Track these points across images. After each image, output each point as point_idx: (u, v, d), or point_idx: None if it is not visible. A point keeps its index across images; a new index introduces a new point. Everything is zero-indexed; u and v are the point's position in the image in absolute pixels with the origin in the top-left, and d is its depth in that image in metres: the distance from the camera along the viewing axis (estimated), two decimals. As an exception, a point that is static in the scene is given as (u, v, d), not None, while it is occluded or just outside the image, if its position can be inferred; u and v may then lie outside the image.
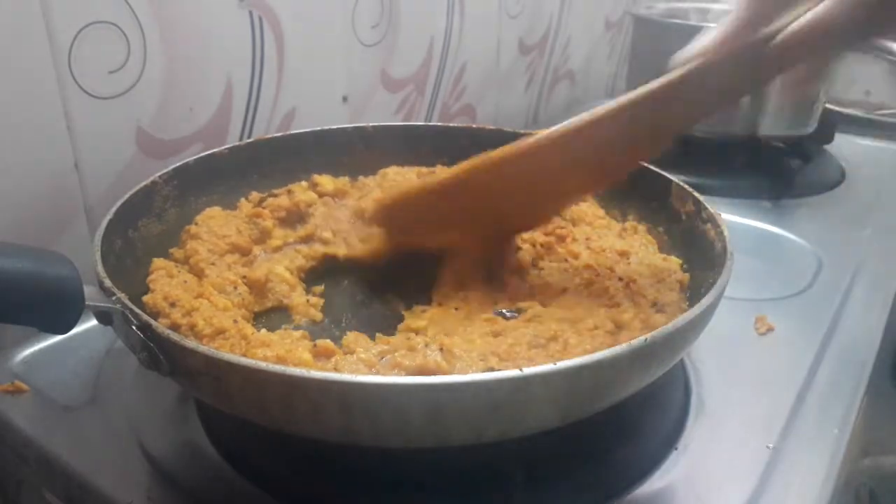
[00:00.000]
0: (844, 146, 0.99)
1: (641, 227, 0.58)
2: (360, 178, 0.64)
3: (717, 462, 0.45)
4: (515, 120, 1.09)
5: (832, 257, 0.70)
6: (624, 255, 0.54)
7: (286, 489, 0.42)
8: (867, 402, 0.52)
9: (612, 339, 0.44)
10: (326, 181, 0.61)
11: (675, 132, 0.47)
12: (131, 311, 0.38)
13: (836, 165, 0.95)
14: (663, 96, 0.43)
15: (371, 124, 0.67)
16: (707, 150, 0.90)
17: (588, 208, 0.61)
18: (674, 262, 0.53)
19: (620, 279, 0.50)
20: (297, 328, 0.50)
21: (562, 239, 0.56)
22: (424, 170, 0.64)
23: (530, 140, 0.47)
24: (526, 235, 0.56)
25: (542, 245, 0.56)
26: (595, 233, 0.58)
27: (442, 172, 0.55)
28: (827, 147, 0.98)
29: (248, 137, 0.69)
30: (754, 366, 0.54)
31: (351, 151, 0.66)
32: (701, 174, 0.81)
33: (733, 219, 0.75)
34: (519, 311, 0.50)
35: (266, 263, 0.53)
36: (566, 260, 0.54)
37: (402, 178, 0.63)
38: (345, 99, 0.78)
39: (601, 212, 0.61)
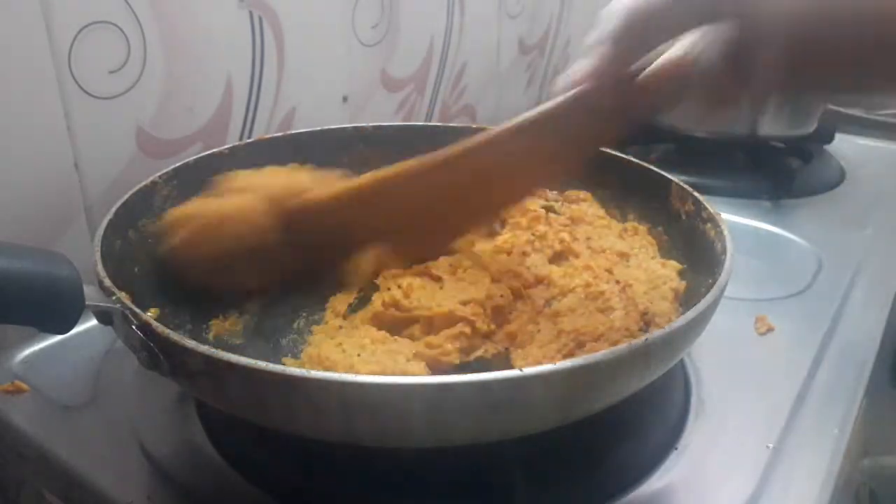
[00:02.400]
0: (844, 146, 0.99)
1: (642, 228, 0.58)
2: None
3: (717, 462, 0.45)
4: (515, 120, 1.08)
5: (832, 257, 0.70)
6: (623, 256, 0.54)
7: (286, 489, 0.42)
8: (867, 402, 0.52)
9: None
10: None
11: (564, 158, 0.49)
12: (131, 310, 0.38)
13: (836, 165, 0.95)
14: (541, 124, 0.45)
15: (371, 124, 0.67)
16: (707, 150, 0.90)
17: (588, 208, 0.61)
18: (672, 267, 0.53)
19: (618, 282, 0.50)
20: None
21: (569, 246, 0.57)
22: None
23: (429, 159, 0.48)
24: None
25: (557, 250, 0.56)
26: (596, 233, 0.58)
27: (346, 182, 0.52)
28: (827, 147, 0.98)
29: (248, 137, 0.69)
30: (754, 366, 0.54)
31: (351, 151, 0.66)
32: (701, 174, 0.81)
33: (733, 219, 0.75)
34: None
35: None
36: (567, 259, 0.55)
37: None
38: (345, 99, 0.78)
39: (602, 211, 0.61)
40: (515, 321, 0.49)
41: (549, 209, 0.61)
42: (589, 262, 0.53)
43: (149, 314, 0.39)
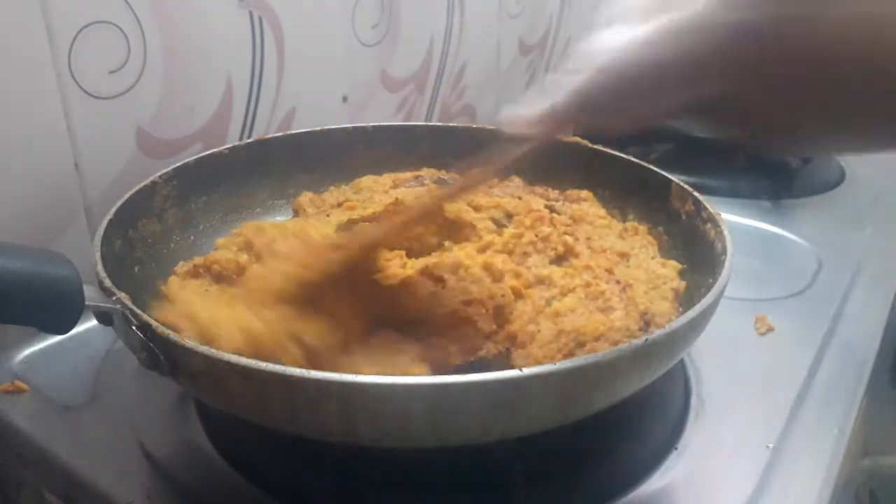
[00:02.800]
0: (844, 146, 0.99)
1: (642, 228, 0.58)
2: (331, 187, 0.64)
3: (717, 462, 0.45)
4: (515, 120, 1.08)
5: (832, 257, 0.70)
6: (624, 256, 0.54)
7: (286, 489, 0.42)
8: (867, 402, 0.52)
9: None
10: None
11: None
12: (131, 311, 0.38)
13: (836, 165, 0.95)
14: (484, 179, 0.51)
15: (371, 124, 0.67)
16: (707, 150, 0.90)
17: (589, 208, 0.61)
18: (672, 267, 0.53)
19: (618, 282, 0.50)
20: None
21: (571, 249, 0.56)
22: (402, 175, 0.64)
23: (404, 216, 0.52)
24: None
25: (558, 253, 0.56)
26: (596, 233, 0.58)
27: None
28: (827, 147, 0.98)
29: (248, 137, 0.69)
30: (754, 366, 0.54)
31: (351, 151, 0.66)
32: (701, 174, 0.81)
33: (733, 219, 0.75)
34: None
35: None
36: (567, 259, 0.55)
37: (376, 186, 0.63)
38: (345, 99, 0.78)
39: (602, 211, 0.61)
40: (516, 321, 0.49)
41: (551, 209, 0.61)
42: (589, 261, 0.53)
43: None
